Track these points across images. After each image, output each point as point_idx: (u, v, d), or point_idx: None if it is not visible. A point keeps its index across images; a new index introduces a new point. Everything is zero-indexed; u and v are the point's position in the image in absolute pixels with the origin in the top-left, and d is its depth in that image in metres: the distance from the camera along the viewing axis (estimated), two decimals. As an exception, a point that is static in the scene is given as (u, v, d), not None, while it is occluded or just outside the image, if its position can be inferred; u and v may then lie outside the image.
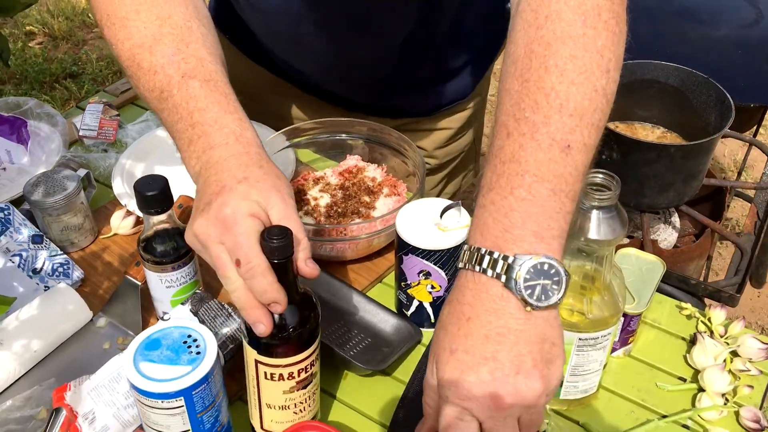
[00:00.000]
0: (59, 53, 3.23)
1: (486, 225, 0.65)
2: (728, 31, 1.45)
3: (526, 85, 0.65)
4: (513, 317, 0.62)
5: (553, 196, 0.63)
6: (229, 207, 0.68)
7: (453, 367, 0.63)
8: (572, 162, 0.64)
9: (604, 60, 0.67)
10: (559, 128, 0.64)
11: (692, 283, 1.05)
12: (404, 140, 1.10)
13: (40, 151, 1.19)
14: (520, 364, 0.61)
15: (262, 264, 0.67)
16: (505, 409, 0.61)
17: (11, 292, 0.98)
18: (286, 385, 0.75)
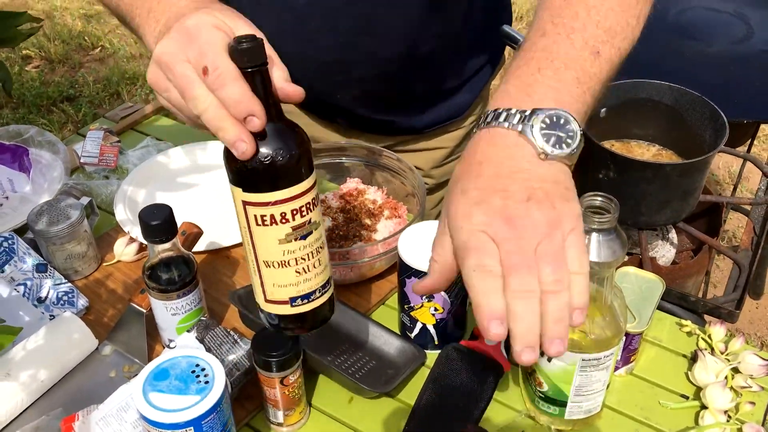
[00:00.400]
0: (56, 76, 3.24)
1: (508, 93, 0.68)
2: (721, 47, 1.47)
3: (570, 0, 0.72)
4: (526, 160, 0.63)
5: (577, 83, 0.68)
6: (191, 20, 0.65)
7: (465, 203, 0.63)
8: (599, 66, 0.70)
9: (638, 7, 0.76)
10: (593, 36, 0.70)
11: (691, 300, 1.06)
12: (403, 162, 1.11)
13: (42, 179, 1.20)
14: (531, 193, 0.61)
15: (232, 69, 0.61)
16: (518, 229, 0.60)
17: (17, 321, 0.98)
18: (280, 231, 0.64)
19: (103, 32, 3.53)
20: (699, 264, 1.14)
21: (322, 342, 0.94)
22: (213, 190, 1.21)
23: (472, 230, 0.62)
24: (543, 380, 0.84)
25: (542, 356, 0.81)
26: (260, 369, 0.82)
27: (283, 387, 0.83)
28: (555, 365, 0.81)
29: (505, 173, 0.63)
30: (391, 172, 1.13)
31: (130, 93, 3.14)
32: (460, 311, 0.95)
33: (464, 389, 0.89)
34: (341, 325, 0.97)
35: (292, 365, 0.82)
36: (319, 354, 0.89)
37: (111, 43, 3.44)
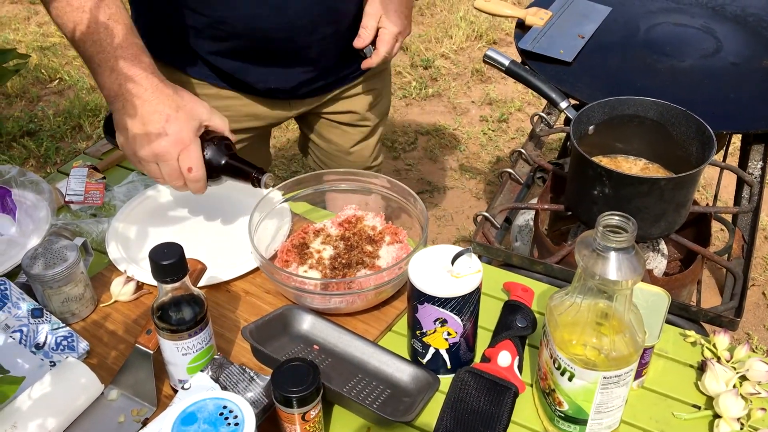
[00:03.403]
0: (14, 111, 3.16)
1: None
2: (692, 61, 1.51)
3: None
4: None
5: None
6: (183, 132, 0.98)
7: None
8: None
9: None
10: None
11: (693, 310, 1.08)
12: (403, 188, 1.11)
13: (29, 220, 1.17)
14: None
15: (204, 172, 1.01)
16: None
17: (16, 369, 0.95)
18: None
19: (60, 64, 3.46)
20: (693, 274, 1.17)
21: (336, 373, 0.93)
22: (207, 223, 1.19)
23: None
24: (563, 399, 0.84)
25: (563, 376, 0.82)
26: (280, 405, 0.81)
27: (303, 423, 0.82)
28: (576, 384, 0.82)
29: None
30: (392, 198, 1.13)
31: (92, 125, 3.08)
32: (472, 334, 0.95)
33: (482, 413, 0.89)
34: (352, 355, 0.97)
35: (312, 400, 0.81)
36: (335, 385, 0.88)
37: (69, 75, 3.37)
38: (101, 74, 0.99)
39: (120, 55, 0.98)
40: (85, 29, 0.98)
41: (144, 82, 0.98)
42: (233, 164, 1.03)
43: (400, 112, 3.17)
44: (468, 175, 2.84)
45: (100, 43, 0.98)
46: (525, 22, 1.63)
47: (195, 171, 1.00)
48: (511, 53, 1.41)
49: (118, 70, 0.97)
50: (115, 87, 0.98)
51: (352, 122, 1.43)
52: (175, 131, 0.98)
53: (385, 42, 1.24)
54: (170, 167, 0.99)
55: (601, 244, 0.75)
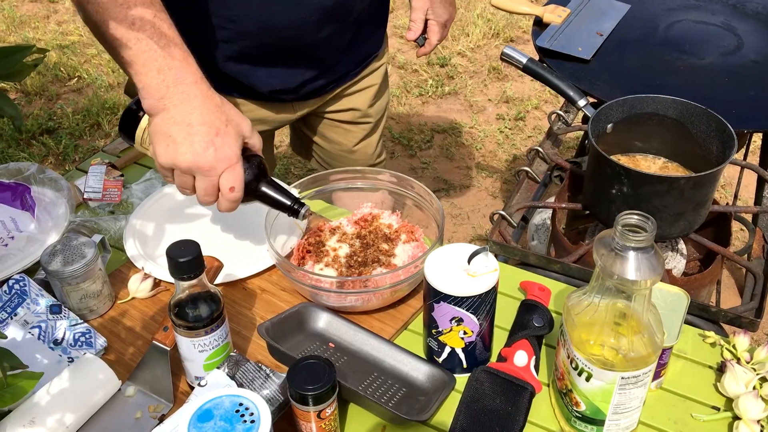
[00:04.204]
0: (33, 109, 3.19)
1: None
2: (713, 59, 1.49)
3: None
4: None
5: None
6: (230, 150, 0.93)
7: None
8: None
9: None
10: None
11: (712, 310, 1.07)
12: (421, 187, 1.11)
13: (47, 217, 1.18)
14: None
15: (240, 196, 0.96)
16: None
17: (34, 365, 0.96)
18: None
19: (79, 62, 3.49)
20: (712, 274, 1.15)
21: (351, 371, 0.93)
22: (224, 221, 1.19)
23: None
24: (580, 400, 0.84)
25: (580, 376, 0.81)
26: (296, 403, 0.81)
27: (319, 420, 0.82)
28: (593, 384, 0.81)
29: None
30: (406, 196, 1.13)
31: (110, 123, 3.11)
32: (488, 333, 0.95)
33: (498, 412, 0.89)
34: (368, 353, 0.97)
35: (328, 398, 0.81)
36: (351, 383, 0.88)
37: (88, 73, 3.40)
38: (145, 75, 0.91)
39: (168, 55, 0.91)
40: (128, 26, 0.90)
41: (193, 89, 0.92)
42: (273, 192, 0.99)
43: (416, 111, 3.17)
44: (484, 174, 2.83)
45: (146, 41, 0.91)
46: (543, 20, 1.62)
47: (236, 192, 0.95)
48: (529, 51, 1.41)
49: (165, 72, 0.91)
50: (162, 89, 0.91)
51: (354, 120, 1.44)
52: (223, 147, 0.92)
53: (435, 32, 1.36)
54: (209, 183, 0.94)
55: (620, 244, 0.74)
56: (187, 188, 0.96)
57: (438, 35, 1.37)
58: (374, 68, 1.41)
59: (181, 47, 0.93)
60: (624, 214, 0.74)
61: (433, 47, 1.39)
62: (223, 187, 0.94)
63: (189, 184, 0.96)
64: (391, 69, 3.39)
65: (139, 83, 0.92)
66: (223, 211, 0.98)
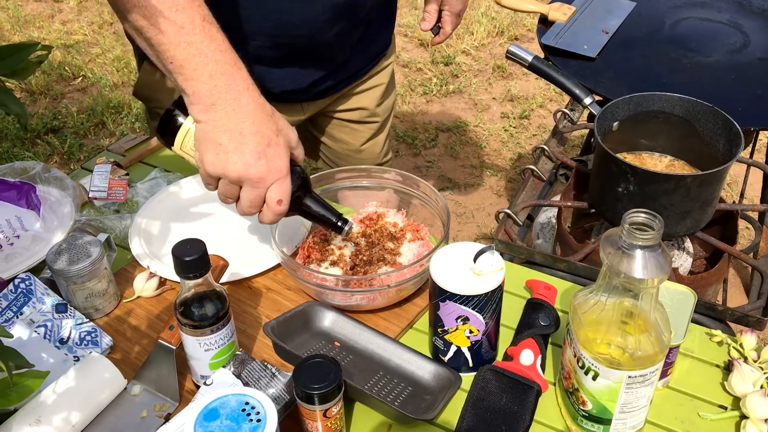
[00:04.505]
0: (38, 108, 3.20)
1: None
2: (719, 57, 1.49)
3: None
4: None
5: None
6: (281, 161, 0.91)
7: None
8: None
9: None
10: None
11: (719, 309, 1.06)
12: (426, 186, 1.11)
13: (53, 216, 1.18)
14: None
15: (286, 209, 0.94)
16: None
17: (40, 364, 0.96)
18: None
19: (84, 62, 3.50)
20: (719, 273, 1.15)
21: (357, 370, 0.93)
22: (229, 220, 1.19)
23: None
24: (587, 399, 0.83)
25: (586, 375, 0.81)
26: (302, 402, 0.81)
27: (325, 419, 0.82)
28: (600, 383, 0.81)
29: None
30: (412, 195, 1.13)
31: (115, 122, 3.11)
32: (494, 332, 0.94)
33: (504, 411, 0.89)
34: (374, 352, 0.96)
35: (334, 397, 0.81)
36: (356, 382, 0.88)
37: (92, 73, 3.40)
38: (196, 80, 0.88)
39: (220, 59, 0.89)
40: (177, 30, 0.87)
41: (246, 96, 0.90)
42: (317, 207, 0.98)
43: (420, 109, 3.16)
44: (489, 172, 2.82)
45: (197, 45, 0.87)
46: (548, 18, 1.62)
47: (284, 205, 0.93)
48: (534, 49, 1.40)
49: (217, 77, 0.88)
50: (214, 95, 0.88)
51: (362, 119, 1.44)
52: (274, 158, 0.90)
53: (449, 22, 1.40)
54: (256, 195, 0.91)
55: (627, 242, 0.74)
56: (231, 198, 0.94)
57: (452, 25, 1.40)
58: (382, 67, 1.41)
59: (231, 52, 0.90)
60: (631, 212, 0.74)
61: (447, 36, 1.42)
62: (270, 199, 0.92)
63: (234, 194, 0.93)
64: (396, 68, 3.39)
65: (188, 89, 0.89)
66: (265, 223, 0.95)
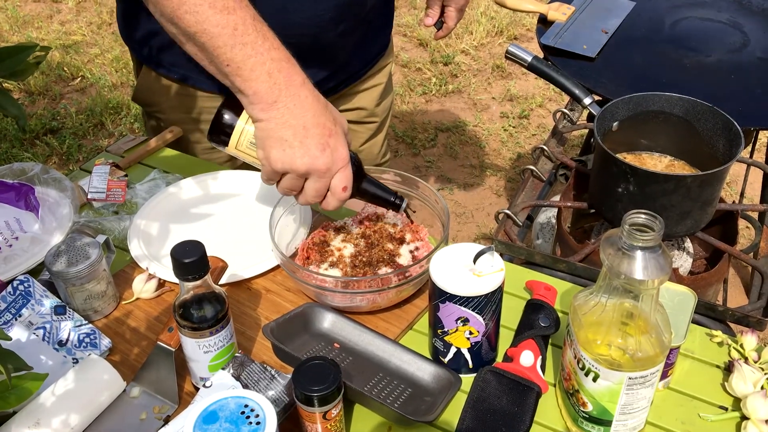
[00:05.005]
0: (37, 109, 3.20)
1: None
2: (719, 56, 1.48)
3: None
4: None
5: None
6: (343, 149, 0.94)
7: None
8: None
9: None
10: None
11: (719, 309, 1.06)
12: (426, 187, 1.10)
13: (51, 217, 1.18)
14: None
15: (348, 194, 0.97)
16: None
17: (39, 366, 0.96)
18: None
19: (83, 62, 3.49)
20: (719, 273, 1.15)
21: (357, 372, 0.93)
22: (228, 221, 1.19)
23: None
24: (587, 400, 0.83)
25: (587, 376, 0.81)
26: (301, 404, 0.81)
27: (324, 421, 0.82)
28: (601, 384, 0.80)
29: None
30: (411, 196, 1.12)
31: (114, 123, 3.11)
32: (494, 333, 0.94)
33: (504, 413, 0.89)
34: (373, 354, 0.96)
35: (334, 399, 0.80)
36: (356, 384, 0.88)
37: (91, 73, 3.40)
38: (255, 80, 0.89)
39: (275, 57, 0.90)
40: (232, 32, 0.88)
41: (303, 90, 0.92)
42: (374, 188, 1.02)
43: (420, 109, 3.16)
44: (488, 172, 2.82)
45: (252, 45, 0.89)
46: (547, 17, 1.62)
47: (348, 190, 0.96)
48: (533, 49, 1.40)
49: (275, 75, 0.90)
50: (275, 93, 0.90)
51: (360, 119, 1.44)
52: (337, 147, 0.93)
53: (452, 17, 1.41)
54: (322, 184, 0.94)
55: (627, 243, 0.74)
56: (295, 190, 0.96)
57: (454, 20, 1.42)
58: (381, 67, 1.41)
59: (284, 48, 0.92)
60: (631, 213, 0.74)
61: (450, 31, 1.44)
62: (335, 187, 0.95)
63: (299, 187, 0.96)
64: (395, 67, 3.39)
65: (248, 89, 0.90)
66: (330, 209, 0.98)
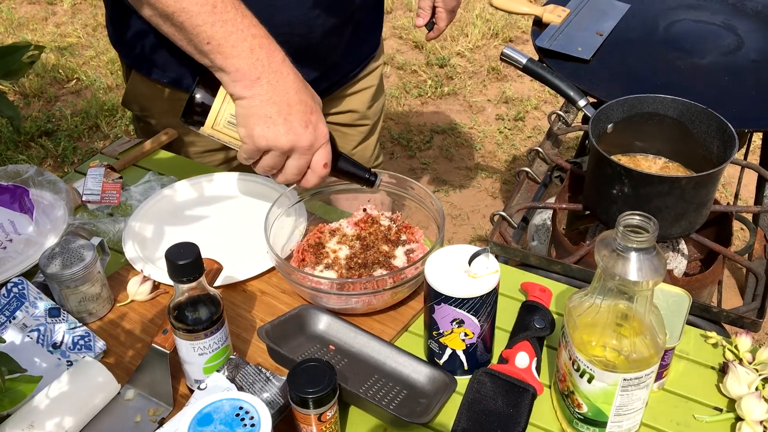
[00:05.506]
0: (32, 111, 3.19)
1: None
2: (713, 59, 1.49)
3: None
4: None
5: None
6: (323, 126, 0.95)
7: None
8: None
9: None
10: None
11: (714, 311, 1.06)
12: (422, 189, 1.10)
13: (46, 219, 1.17)
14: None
15: (328, 171, 0.98)
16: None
17: (33, 368, 0.95)
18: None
19: (78, 64, 3.49)
20: (714, 275, 1.15)
21: (352, 374, 0.93)
22: (223, 223, 1.19)
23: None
24: (582, 401, 0.83)
25: (582, 377, 0.81)
26: (296, 406, 0.80)
27: (320, 423, 0.81)
28: (595, 386, 0.80)
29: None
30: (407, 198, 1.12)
31: (109, 125, 3.10)
32: (489, 335, 0.94)
33: (499, 414, 0.89)
34: (369, 356, 0.96)
35: (329, 401, 0.80)
36: (351, 386, 0.87)
37: (86, 75, 3.40)
38: (237, 56, 0.90)
39: (255, 33, 0.90)
40: (211, 9, 0.88)
41: (285, 67, 0.92)
42: (350, 166, 1.04)
43: (415, 111, 3.16)
44: (484, 174, 2.82)
45: (232, 22, 0.89)
46: (542, 20, 1.62)
47: (328, 167, 0.98)
48: (528, 51, 1.40)
49: (257, 51, 0.90)
50: (258, 69, 0.90)
51: (352, 122, 1.44)
52: (318, 124, 0.94)
53: (443, 18, 1.41)
54: (304, 161, 0.96)
55: (622, 245, 0.74)
56: (276, 168, 0.97)
57: (445, 21, 1.42)
58: (371, 69, 1.42)
59: (261, 26, 0.92)
60: (626, 214, 0.74)
61: (441, 32, 1.44)
62: (316, 163, 0.96)
63: (280, 165, 0.96)
64: (391, 70, 3.39)
65: (229, 67, 0.90)
66: (309, 187, 1.00)
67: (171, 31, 0.92)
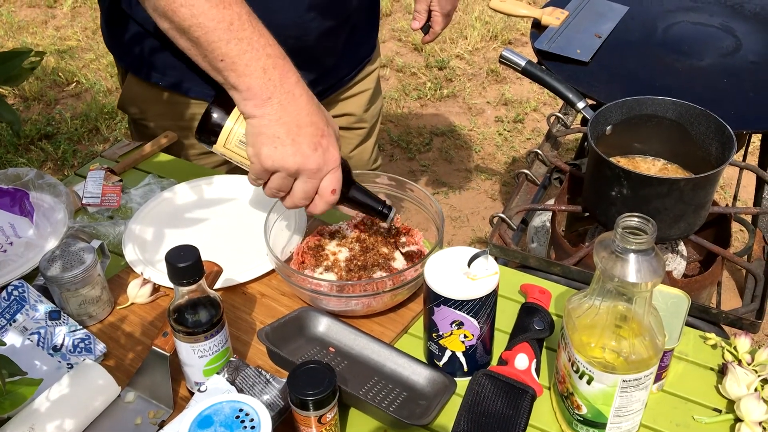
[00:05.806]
0: (32, 114, 3.19)
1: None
2: (711, 60, 1.49)
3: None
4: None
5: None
6: (335, 151, 0.93)
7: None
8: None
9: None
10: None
11: (713, 312, 1.07)
12: (422, 191, 1.11)
13: (46, 222, 1.17)
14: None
15: (337, 197, 0.96)
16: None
17: (33, 371, 0.95)
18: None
19: (78, 67, 3.49)
20: (713, 276, 1.15)
21: (352, 376, 0.93)
22: (223, 226, 1.19)
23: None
24: (582, 403, 0.83)
25: (581, 379, 0.81)
26: (296, 408, 0.81)
27: (320, 425, 0.82)
28: (595, 387, 0.81)
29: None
30: (407, 200, 1.13)
31: (109, 128, 3.11)
32: (488, 336, 0.94)
33: (499, 416, 0.89)
34: (368, 358, 0.96)
35: (329, 403, 0.80)
36: (351, 388, 0.88)
37: (86, 78, 3.40)
38: (249, 75, 0.89)
39: (270, 53, 0.89)
40: (227, 26, 0.88)
41: (298, 88, 0.91)
42: (363, 196, 1.01)
43: (415, 113, 3.17)
44: (483, 176, 2.83)
45: (248, 41, 0.88)
46: (541, 22, 1.62)
47: (336, 194, 0.95)
48: (527, 53, 1.41)
49: (270, 71, 0.89)
50: (270, 89, 0.89)
51: (349, 125, 1.44)
52: (329, 148, 0.92)
53: (438, 21, 1.43)
54: (311, 186, 0.93)
55: (621, 246, 0.74)
56: (283, 191, 0.94)
57: (441, 24, 1.43)
58: (368, 72, 1.42)
59: (278, 45, 0.91)
60: (624, 216, 0.74)
61: (437, 35, 1.45)
62: (324, 189, 0.93)
63: (287, 187, 0.94)
64: (390, 72, 3.39)
65: (242, 85, 0.89)
66: (315, 214, 0.97)
67: (187, 45, 0.92)
